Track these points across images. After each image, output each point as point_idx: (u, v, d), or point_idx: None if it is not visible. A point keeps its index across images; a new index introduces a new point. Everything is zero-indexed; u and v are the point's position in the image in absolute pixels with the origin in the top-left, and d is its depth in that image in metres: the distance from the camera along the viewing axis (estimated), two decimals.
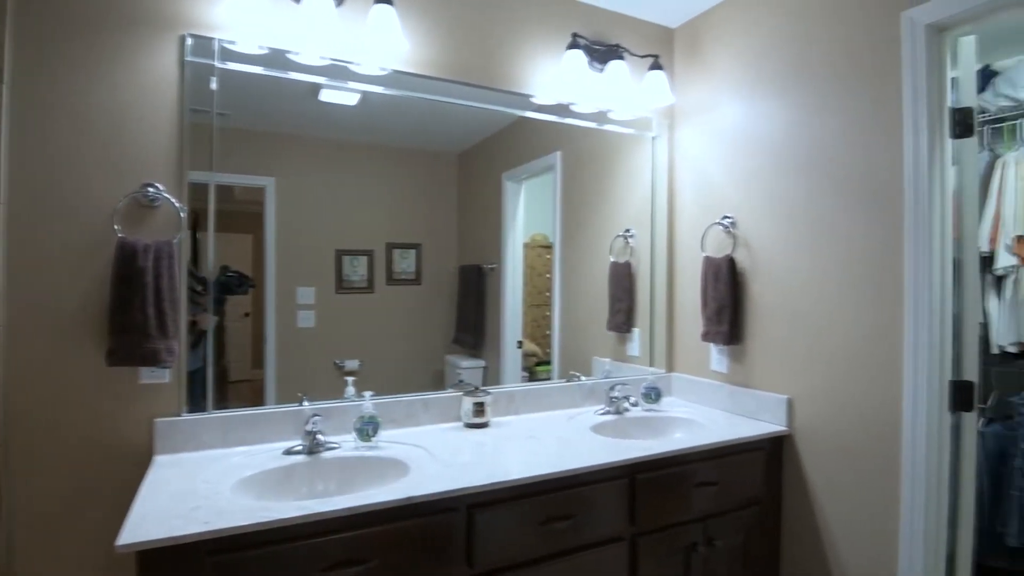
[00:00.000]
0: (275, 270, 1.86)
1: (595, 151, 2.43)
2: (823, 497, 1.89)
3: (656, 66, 2.27)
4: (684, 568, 1.79)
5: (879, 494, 1.73)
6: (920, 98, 1.63)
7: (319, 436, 1.66)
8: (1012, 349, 2.37)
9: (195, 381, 1.71)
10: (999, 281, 2.39)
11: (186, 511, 1.24)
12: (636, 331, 2.53)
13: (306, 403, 1.78)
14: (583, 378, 2.31)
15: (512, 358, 2.32)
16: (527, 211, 2.36)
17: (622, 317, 2.53)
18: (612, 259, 2.49)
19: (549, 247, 2.41)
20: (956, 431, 1.70)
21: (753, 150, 2.13)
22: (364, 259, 2.01)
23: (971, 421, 1.69)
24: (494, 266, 2.28)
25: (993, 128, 2.60)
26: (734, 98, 2.21)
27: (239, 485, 1.44)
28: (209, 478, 1.44)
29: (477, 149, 2.21)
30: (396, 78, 1.96)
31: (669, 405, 2.33)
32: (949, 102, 1.66)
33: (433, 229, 2.12)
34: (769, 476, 1.99)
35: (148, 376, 1.63)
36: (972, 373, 1.67)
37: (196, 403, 1.70)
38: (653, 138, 2.49)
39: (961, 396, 1.64)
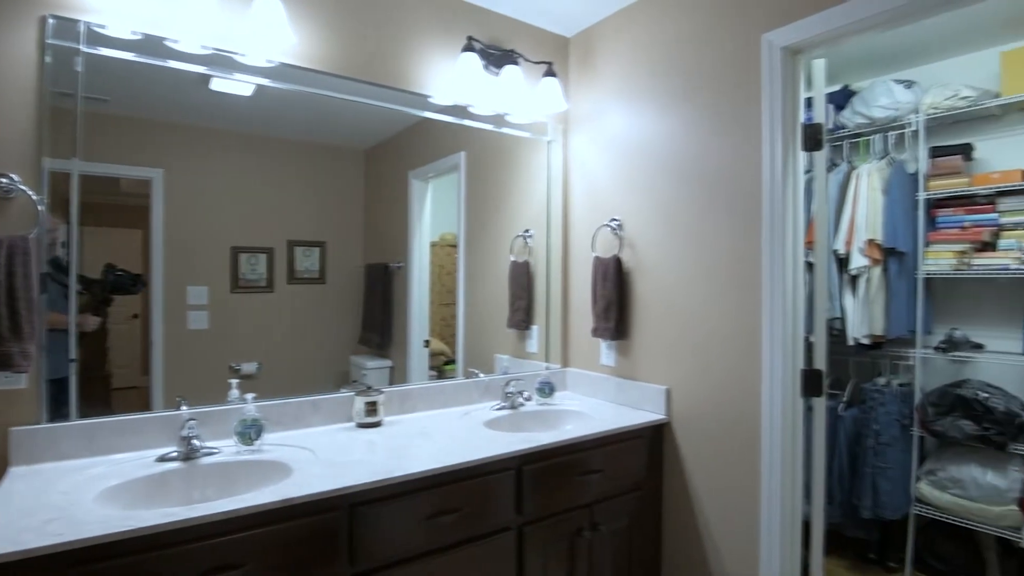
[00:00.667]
0: (163, 268, 1.76)
1: (497, 153, 2.49)
2: (697, 477, 2.04)
3: (550, 73, 2.35)
4: (569, 553, 1.88)
5: (743, 470, 1.89)
6: (776, 113, 1.80)
7: (195, 441, 1.60)
8: (865, 341, 2.66)
9: (61, 387, 1.60)
10: (854, 280, 2.67)
11: (38, 524, 1.16)
12: (535, 328, 2.61)
13: (184, 408, 1.71)
14: (481, 375, 2.36)
15: (419, 357, 2.33)
16: (435, 210, 2.38)
17: (521, 315, 2.60)
18: (512, 258, 2.56)
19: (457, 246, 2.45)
20: (808, 414, 1.89)
21: (637, 157, 2.26)
22: (263, 257, 1.94)
23: (821, 405, 1.88)
24: (401, 264, 2.28)
25: (851, 143, 2.90)
26: (621, 107, 2.33)
27: (103, 495, 1.37)
28: (67, 489, 1.36)
29: (385, 146, 2.20)
30: (286, 71, 1.92)
31: (562, 399, 2.42)
32: (802, 118, 1.84)
33: (339, 226, 2.08)
34: (651, 461, 2.13)
35: (2, 382, 1.51)
36: (821, 362, 1.87)
37: (59, 411, 1.58)
38: (548, 142, 2.58)
39: (811, 382, 1.83)
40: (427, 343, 2.37)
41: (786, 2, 1.77)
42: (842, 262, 2.69)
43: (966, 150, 2.60)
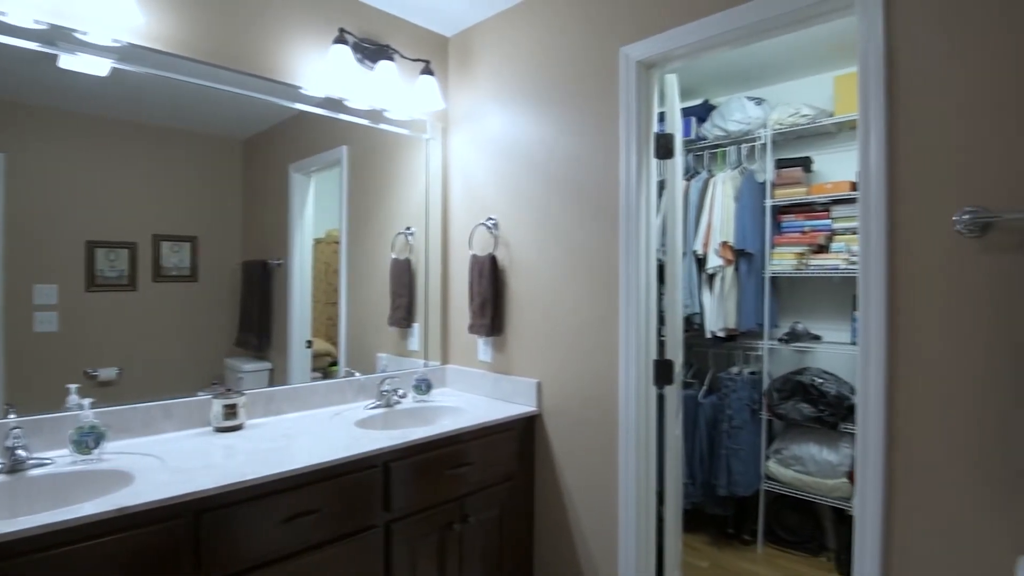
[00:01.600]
0: (2, 264, 1.58)
1: (379, 149, 2.46)
2: (565, 464, 2.14)
3: (427, 71, 2.37)
4: (440, 546, 1.90)
5: (604, 456, 2.01)
6: (632, 122, 1.93)
7: (20, 452, 1.46)
8: (721, 334, 2.91)
9: None
10: (711, 279, 2.91)
11: None
12: (416, 326, 2.61)
13: (12, 416, 1.55)
14: (357, 374, 2.33)
15: (301, 359, 2.26)
16: (320, 205, 2.32)
17: (402, 313, 2.59)
18: (394, 256, 2.54)
19: None
20: (661, 401, 2.04)
21: (513, 158, 2.33)
22: (124, 252, 1.80)
23: (672, 393, 2.04)
24: (281, 262, 2.20)
25: (711, 153, 3.16)
26: (498, 109, 2.39)
27: None
28: None
29: (264, 137, 2.11)
30: (138, 53, 1.78)
31: (440, 395, 2.45)
32: (655, 128, 1.99)
33: (213, 220, 1.97)
34: (523, 452, 2.21)
35: None
36: (672, 354, 2.03)
37: None
38: (427, 140, 2.59)
39: (662, 372, 1.98)
40: (309, 344, 2.30)
41: (641, 19, 1.91)
42: (700, 262, 2.93)
43: (806, 163, 2.92)
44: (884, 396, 1.41)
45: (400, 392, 2.28)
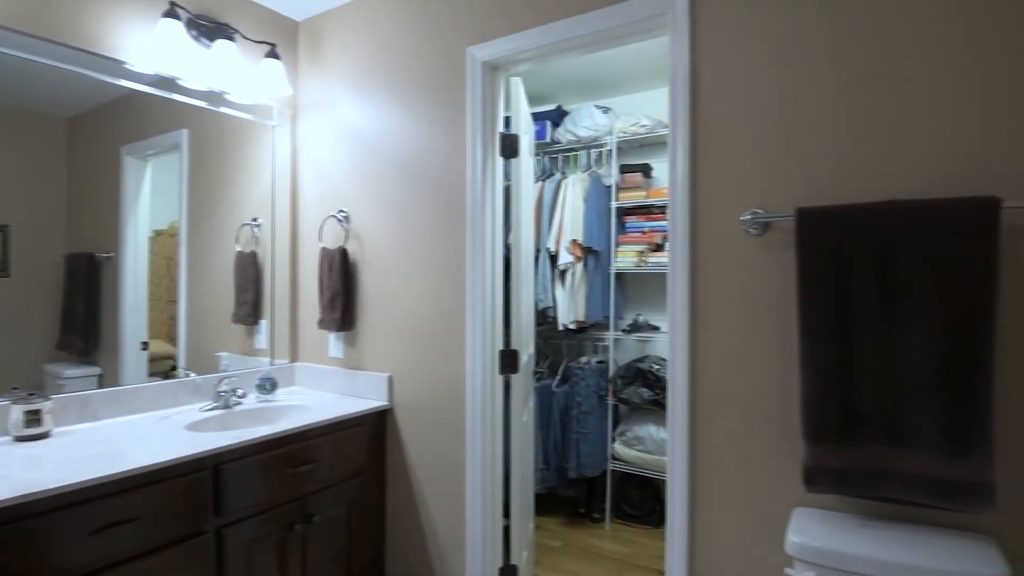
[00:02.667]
0: None
1: (222, 134, 2.31)
2: (416, 457, 2.16)
3: (273, 55, 2.27)
4: (280, 549, 1.84)
5: (453, 446, 2.06)
6: (477, 121, 1.99)
7: None
8: (572, 326, 3.09)
9: None
10: (563, 274, 3.08)
11: None
12: (263, 323, 2.49)
13: None
14: (192, 375, 2.17)
15: (136, 362, 2.07)
16: (161, 194, 2.13)
17: (248, 309, 2.46)
18: (239, 248, 2.40)
19: None
20: (507, 388, 2.13)
21: (365, 149, 2.30)
22: None
23: (519, 380, 2.14)
24: (112, 255, 1.98)
25: (564, 156, 3.34)
26: (350, 98, 2.35)
27: None
28: None
29: (93, 116, 1.90)
30: None
31: (287, 394, 2.36)
32: (500, 128, 2.07)
33: (29, 207, 1.74)
34: (374, 447, 2.19)
35: None
36: (519, 344, 2.12)
37: None
38: (274, 127, 2.48)
39: (507, 361, 2.07)
40: (146, 345, 2.11)
41: (486, 22, 1.98)
42: (553, 258, 3.09)
43: (646, 169, 3.18)
44: (688, 375, 1.59)
45: (240, 392, 2.16)
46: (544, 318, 3.15)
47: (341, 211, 2.36)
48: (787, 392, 1.46)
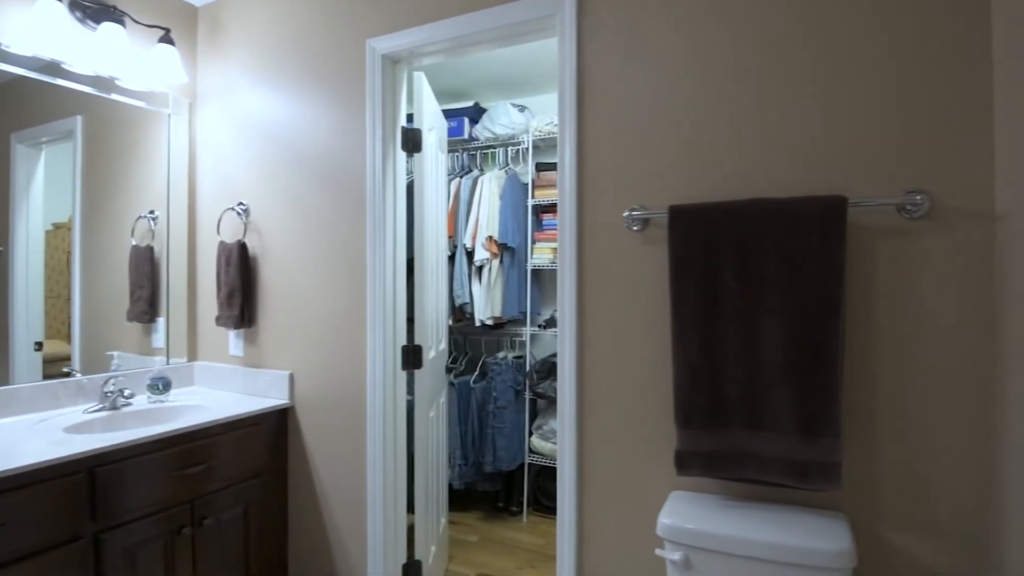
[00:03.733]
0: None
1: (117, 122, 2.20)
2: (318, 456, 2.13)
3: (167, 40, 2.17)
4: (167, 553, 1.77)
5: (354, 445, 2.04)
6: (377, 114, 1.97)
7: None
8: (489, 322, 3.11)
9: None
10: (479, 271, 3.11)
11: None
12: (160, 321, 2.38)
13: None
14: (78, 374, 2.06)
15: (28, 363, 1.95)
16: (56, 185, 2.01)
17: (143, 306, 2.35)
18: (134, 242, 2.29)
19: None
20: (412, 384, 2.13)
21: (266, 140, 2.24)
22: None
23: (424, 376, 2.14)
24: (1, 250, 1.84)
25: (483, 153, 3.36)
26: (251, 88, 2.28)
27: None
28: None
29: None
30: None
31: (185, 394, 2.27)
32: (403, 122, 2.06)
33: None
34: (274, 447, 2.14)
35: None
36: (423, 339, 2.13)
37: None
38: (170, 115, 2.37)
39: (410, 357, 2.07)
40: (40, 346, 1.98)
41: (385, 14, 1.96)
42: (470, 255, 3.11)
43: None
44: (575, 366, 1.64)
45: (127, 393, 2.06)
46: (462, 314, 3.16)
47: (240, 204, 2.29)
48: (664, 380, 1.54)
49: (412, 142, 2.08)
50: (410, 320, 2.13)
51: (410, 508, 2.13)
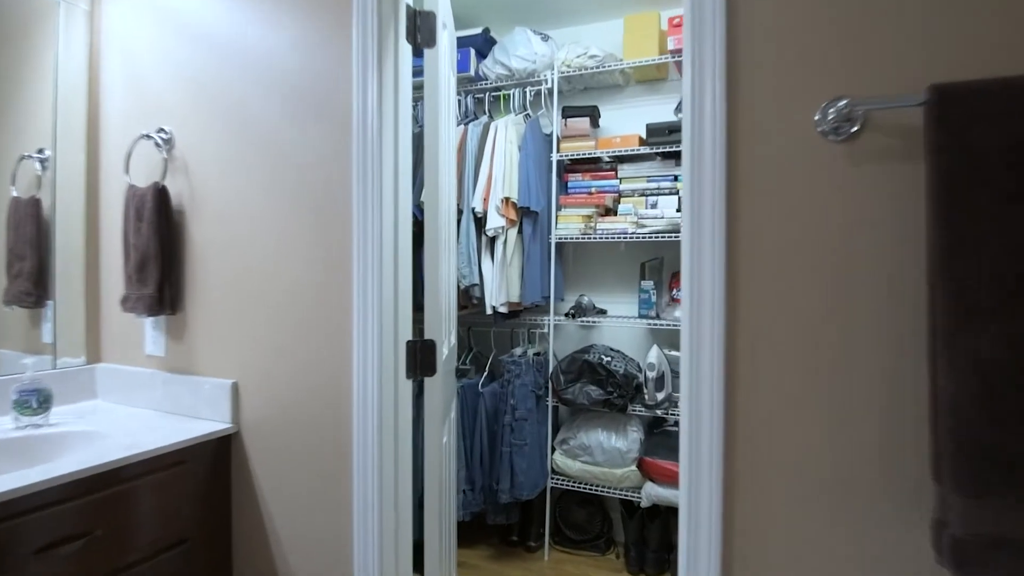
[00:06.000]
0: None
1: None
2: (275, 502, 1.41)
3: None
4: None
5: (332, 485, 1.34)
6: None
7: None
8: (503, 309, 2.42)
9: None
10: (492, 243, 2.41)
11: None
12: (52, 304, 1.65)
13: None
14: None
15: None
16: None
17: (27, 284, 1.62)
18: (15, 193, 1.56)
19: None
20: (417, 397, 1.43)
21: (198, 39, 1.50)
22: None
23: (436, 385, 1.44)
24: None
25: (493, 96, 2.65)
26: None
27: None
28: None
29: None
30: None
31: (76, 414, 1.53)
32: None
33: None
34: (209, 497, 1.42)
35: None
36: (436, 333, 1.42)
37: None
38: (60, 6, 1.61)
39: (421, 358, 1.37)
40: None
41: None
42: (480, 222, 2.41)
43: (594, 113, 2.57)
44: (723, 387, 0.97)
45: None
46: (468, 299, 2.46)
47: (161, 130, 1.54)
48: (908, 404, 0.88)
49: (424, 29, 1.37)
50: (416, 306, 1.43)
51: (416, 567, 1.44)
